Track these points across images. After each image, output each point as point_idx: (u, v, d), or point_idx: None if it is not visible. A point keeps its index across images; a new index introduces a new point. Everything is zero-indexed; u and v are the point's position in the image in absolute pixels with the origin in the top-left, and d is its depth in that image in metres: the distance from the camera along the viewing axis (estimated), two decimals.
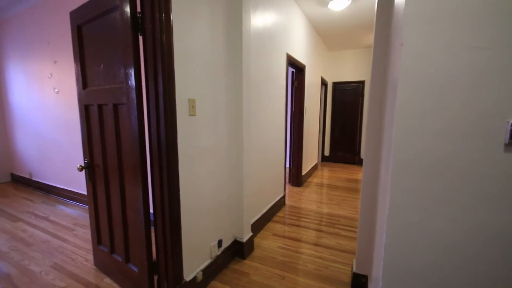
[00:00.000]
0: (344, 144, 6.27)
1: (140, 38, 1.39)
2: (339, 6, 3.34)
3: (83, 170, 1.82)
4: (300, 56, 3.73)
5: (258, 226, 2.62)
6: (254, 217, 2.56)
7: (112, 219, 1.77)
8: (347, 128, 6.19)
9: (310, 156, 5.00)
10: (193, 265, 1.71)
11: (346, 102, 6.11)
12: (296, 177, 4.29)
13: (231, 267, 2.05)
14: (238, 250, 2.18)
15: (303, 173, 4.43)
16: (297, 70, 3.98)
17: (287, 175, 4.44)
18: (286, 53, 3.18)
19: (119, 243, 1.74)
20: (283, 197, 3.43)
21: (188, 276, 1.66)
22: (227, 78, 1.95)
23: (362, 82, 5.88)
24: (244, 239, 2.16)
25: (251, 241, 2.27)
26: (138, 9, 1.37)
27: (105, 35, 1.53)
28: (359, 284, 1.77)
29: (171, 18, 1.37)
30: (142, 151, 1.45)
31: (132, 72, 1.37)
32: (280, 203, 3.31)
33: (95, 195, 1.86)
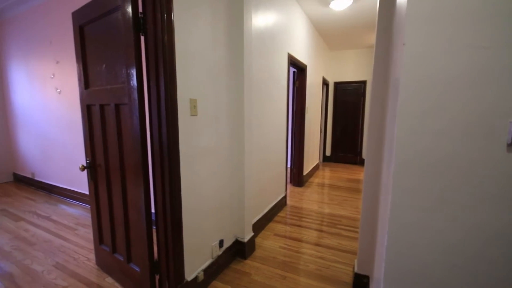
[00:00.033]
0: (346, 144, 6.25)
1: (142, 38, 1.40)
2: (340, 5, 3.33)
3: (85, 170, 1.83)
4: (301, 56, 3.73)
5: (259, 226, 2.63)
6: (255, 217, 2.56)
7: (114, 219, 1.77)
8: (348, 128, 6.18)
9: (312, 156, 5.00)
10: (194, 265, 1.72)
11: (348, 102, 6.10)
12: (297, 177, 4.28)
13: (232, 267, 2.06)
14: (239, 250, 2.18)
15: (305, 173, 4.43)
16: (298, 70, 3.98)
17: (289, 175, 4.44)
18: (288, 53, 3.18)
19: (121, 242, 1.75)
20: (285, 197, 3.43)
21: (189, 275, 1.66)
22: (228, 78, 1.95)
23: (363, 82, 5.87)
24: (246, 239, 2.16)
25: (252, 241, 2.27)
26: (140, 9, 1.37)
27: (107, 35, 1.53)
28: (360, 285, 1.76)
29: (173, 18, 1.37)
30: (143, 151, 1.46)
31: (133, 72, 1.38)
32: (282, 203, 3.31)
33: (97, 194, 1.87)
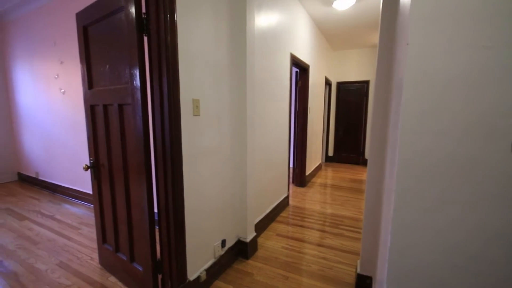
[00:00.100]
0: (348, 144, 6.23)
1: (145, 38, 1.40)
2: (343, 5, 3.32)
3: (89, 170, 1.84)
4: (304, 56, 3.72)
5: (261, 226, 2.62)
6: (257, 217, 2.56)
7: (117, 218, 1.78)
8: (351, 128, 6.16)
9: (314, 156, 4.99)
10: (197, 264, 1.72)
11: (351, 102, 6.08)
12: (299, 177, 4.27)
13: (234, 267, 2.06)
14: (241, 250, 2.18)
15: (307, 173, 4.42)
16: (301, 70, 3.97)
17: (291, 175, 4.42)
18: (290, 53, 3.17)
19: (123, 242, 1.76)
20: (287, 197, 3.42)
21: (192, 275, 1.67)
22: (231, 78, 1.95)
23: (366, 82, 5.84)
24: (248, 239, 2.16)
25: (254, 241, 2.27)
26: (143, 10, 1.38)
27: (111, 36, 1.54)
28: (363, 286, 1.75)
29: (176, 19, 1.38)
30: (146, 151, 1.46)
31: (137, 72, 1.38)
32: (284, 203, 3.31)
33: (100, 194, 1.88)
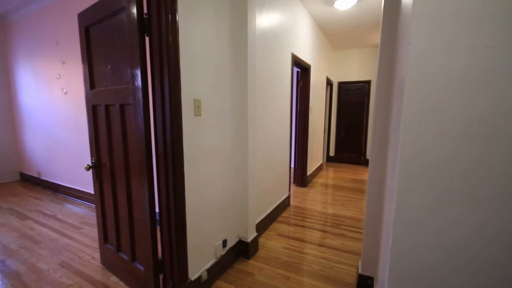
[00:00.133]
0: (350, 144, 6.22)
1: (147, 39, 1.41)
2: (345, 5, 3.32)
3: (90, 170, 1.85)
4: (305, 56, 3.72)
5: (262, 226, 2.62)
6: (258, 217, 2.56)
7: (119, 218, 1.79)
8: (352, 128, 6.15)
9: (315, 156, 4.98)
10: (198, 264, 1.72)
11: (352, 102, 6.07)
12: (301, 177, 4.27)
13: (235, 267, 2.06)
14: (242, 250, 2.18)
15: (308, 173, 4.42)
16: (302, 70, 3.97)
17: (292, 175, 4.43)
18: (291, 53, 3.17)
19: (125, 241, 1.76)
20: (288, 197, 3.42)
21: (193, 275, 1.67)
22: (232, 78, 1.95)
23: (368, 82, 5.83)
24: (249, 239, 2.16)
25: (255, 241, 2.27)
26: (145, 10, 1.38)
27: (112, 36, 1.55)
28: (364, 286, 1.75)
29: (177, 19, 1.38)
30: (148, 151, 1.47)
31: (138, 72, 1.39)
32: (285, 204, 3.31)
33: (102, 194, 1.89)
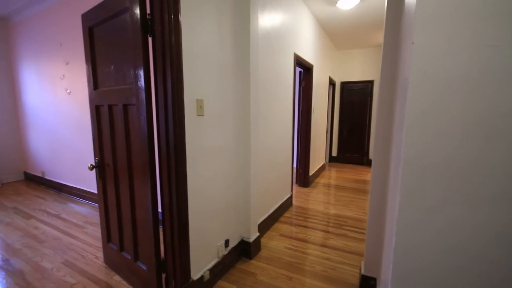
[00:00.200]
0: (352, 144, 6.19)
1: (150, 39, 1.41)
2: (347, 5, 3.31)
3: (94, 169, 1.86)
4: (308, 56, 3.71)
5: (265, 226, 2.62)
6: (261, 217, 2.56)
7: (122, 218, 1.80)
8: (355, 128, 6.12)
9: (318, 157, 4.97)
10: (200, 264, 1.72)
11: (354, 102, 6.04)
12: (303, 177, 4.26)
13: (238, 267, 2.06)
14: (245, 250, 2.18)
15: (311, 173, 4.41)
16: (304, 70, 3.96)
17: (294, 175, 4.42)
18: (294, 53, 3.17)
19: (128, 241, 1.77)
20: (290, 197, 3.42)
21: (195, 275, 1.67)
22: (234, 78, 1.95)
23: (370, 82, 5.80)
24: (251, 239, 2.16)
25: (258, 241, 2.27)
26: (148, 11, 1.38)
27: (116, 37, 1.55)
28: (367, 287, 1.74)
29: (180, 19, 1.38)
30: (150, 151, 1.47)
31: (141, 73, 1.39)
32: (287, 204, 3.30)
33: (105, 193, 1.90)
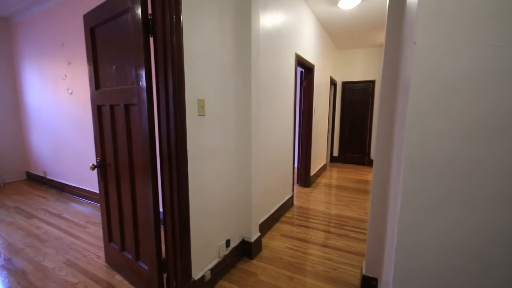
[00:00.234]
0: (354, 144, 6.18)
1: (151, 39, 1.41)
2: (349, 4, 3.30)
3: (95, 169, 1.86)
4: (309, 56, 3.71)
5: (266, 226, 2.62)
6: (262, 217, 2.56)
7: (123, 218, 1.80)
8: (356, 128, 6.11)
9: (319, 157, 4.96)
10: (201, 264, 1.73)
11: (356, 102, 6.03)
12: (304, 177, 4.26)
13: (239, 266, 2.06)
14: (246, 250, 2.18)
15: (312, 173, 4.40)
16: (306, 70, 3.95)
17: (296, 175, 4.42)
18: (295, 53, 3.16)
19: (129, 241, 1.77)
20: (291, 197, 3.41)
21: (196, 274, 1.67)
22: (236, 78, 1.95)
23: (372, 82, 5.79)
24: (252, 239, 2.16)
25: (259, 241, 2.27)
26: (149, 11, 1.39)
27: (117, 37, 1.56)
28: (368, 287, 1.74)
29: (181, 20, 1.39)
30: (152, 151, 1.47)
31: (143, 73, 1.40)
32: (288, 204, 3.30)
33: (107, 193, 1.90)
